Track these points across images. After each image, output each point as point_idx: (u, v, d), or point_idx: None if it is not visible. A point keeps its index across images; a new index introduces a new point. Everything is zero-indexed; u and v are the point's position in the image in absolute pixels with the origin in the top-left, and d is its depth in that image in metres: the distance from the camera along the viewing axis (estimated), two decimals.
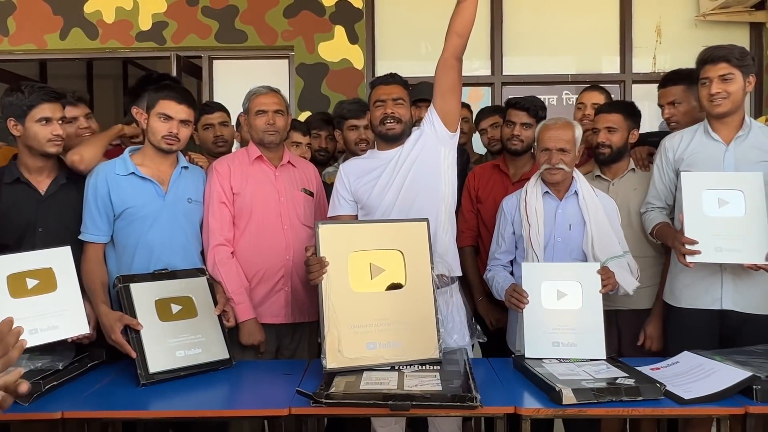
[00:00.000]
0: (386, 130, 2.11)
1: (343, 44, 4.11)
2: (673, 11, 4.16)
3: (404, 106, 2.12)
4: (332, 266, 1.82)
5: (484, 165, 2.78)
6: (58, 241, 1.99)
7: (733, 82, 2.09)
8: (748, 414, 1.59)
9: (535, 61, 4.24)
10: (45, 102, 2.02)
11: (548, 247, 2.18)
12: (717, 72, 2.09)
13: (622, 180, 2.45)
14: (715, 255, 2.00)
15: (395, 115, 2.09)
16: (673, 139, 2.27)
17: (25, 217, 2.05)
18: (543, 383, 1.71)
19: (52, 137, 2.02)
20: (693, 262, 2.00)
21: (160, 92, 2.10)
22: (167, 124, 2.07)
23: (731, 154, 2.14)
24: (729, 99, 2.10)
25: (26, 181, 2.07)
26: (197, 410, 1.71)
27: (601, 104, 2.62)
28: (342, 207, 2.19)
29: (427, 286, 1.89)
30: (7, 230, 2.05)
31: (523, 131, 2.55)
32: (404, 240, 1.91)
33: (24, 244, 2.02)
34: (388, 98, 2.10)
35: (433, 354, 1.86)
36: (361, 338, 1.81)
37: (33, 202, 2.06)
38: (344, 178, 2.19)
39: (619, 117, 2.39)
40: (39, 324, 1.83)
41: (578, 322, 1.95)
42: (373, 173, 2.15)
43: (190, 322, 1.96)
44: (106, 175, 2.07)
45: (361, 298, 1.84)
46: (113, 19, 4.15)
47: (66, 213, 2.09)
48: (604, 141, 2.39)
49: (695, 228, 2.00)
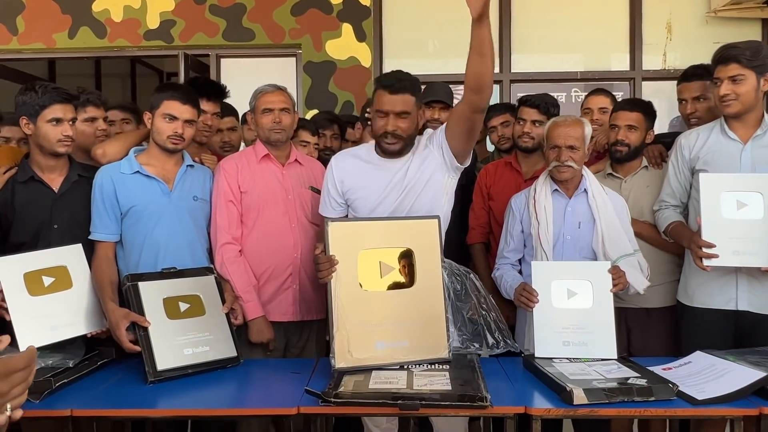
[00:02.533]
0: (386, 145, 1.98)
1: (351, 42, 4.10)
2: (684, 7, 4.12)
3: (408, 118, 1.95)
4: (342, 264, 1.79)
5: (496, 162, 2.77)
6: (72, 238, 2.03)
7: (743, 83, 2.05)
8: (762, 415, 1.57)
9: (543, 58, 4.21)
10: (57, 103, 2.03)
11: (557, 245, 2.16)
12: (727, 73, 2.06)
13: (634, 177, 2.42)
14: (733, 258, 1.97)
15: (397, 132, 1.95)
16: (689, 137, 2.23)
17: (41, 215, 2.07)
18: (553, 383, 1.69)
19: (62, 138, 2.03)
20: (710, 266, 1.98)
21: (164, 92, 2.10)
22: (172, 124, 2.07)
23: (748, 154, 2.10)
24: (738, 100, 2.06)
25: (40, 179, 2.09)
26: (206, 409, 1.72)
27: (620, 101, 2.59)
28: (332, 210, 2.09)
29: (438, 285, 1.87)
30: (23, 228, 2.07)
31: (533, 128, 2.53)
32: (414, 237, 1.88)
33: (40, 241, 2.05)
34: (392, 111, 1.93)
35: (443, 353, 1.84)
36: (370, 337, 1.80)
37: (48, 199, 2.08)
38: (336, 179, 2.06)
39: (640, 116, 2.36)
40: (58, 321, 1.88)
41: (589, 322, 1.93)
42: (370, 181, 2.02)
43: (198, 320, 1.96)
44: (111, 174, 2.09)
45: (371, 297, 1.82)
46: (121, 18, 4.16)
47: (79, 210, 2.11)
48: (623, 139, 2.36)
49: (713, 231, 1.97)
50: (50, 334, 1.85)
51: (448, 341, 1.85)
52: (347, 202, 2.09)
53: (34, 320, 1.84)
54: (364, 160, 2.07)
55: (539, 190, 2.21)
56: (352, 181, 2.05)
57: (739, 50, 2.06)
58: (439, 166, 2.01)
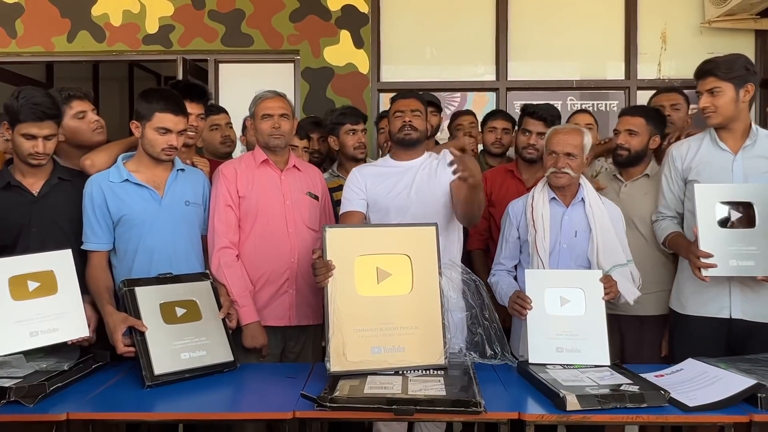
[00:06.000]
0: (404, 136, 2.25)
1: (349, 49, 4.12)
2: (679, 18, 4.16)
3: (421, 117, 2.27)
4: (339, 269, 1.82)
5: (497, 169, 2.81)
6: (52, 241, 2.02)
7: (720, 96, 2.09)
8: (752, 422, 1.59)
9: (540, 66, 4.24)
10: (29, 121, 1.98)
11: (554, 253, 2.18)
12: (705, 86, 2.11)
13: (634, 183, 2.45)
14: (730, 268, 1.99)
15: (413, 124, 2.25)
16: (680, 148, 2.26)
17: (19, 219, 2.06)
18: (547, 389, 1.70)
19: (32, 152, 2.01)
20: (708, 276, 2.00)
21: (154, 104, 2.06)
22: (166, 137, 2.06)
23: (739, 164, 2.13)
24: (717, 112, 2.11)
25: (18, 184, 2.07)
26: (201, 413, 1.72)
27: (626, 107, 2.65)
28: (357, 203, 2.25)
29: (434, 291, 1.89)
30: (2, 233, 2.05)
31: (539, 141, 2.58)
32: (412, 244, 1.90)
33: (19, 244, 2.03)
34: (407, 109, 2.25)
35: (439, 360, 1.85)
36: (366, 342, 1.81)
37: (26, 203, 2.07)
38: (360, 180, 2.28)
39: (641, 121, 2.40)
40: (40, 326, 1.85)
41: (582, 329, 1.95)
42: (391, 178, 2.25)
43: (195, 324, 1.97)
44: (100, 184, 2.08)
45: (367, 302, 1.84)
46: (120, 22, 4.17)
47: (59, 213, 2.09)
48: (623, 143, 2.40)
49: (709, 241, 1.99)
50: (29, 340, 1.83)
51: (444, 348, 1.86)
52: (371, 202, 2.26)
53: (14, 325, 1.82)
54: (381, 165, 2.35)
55: (537, 197, 2.23)
56: (374, 178, 2.27)
57: (715, 64, 2.11)
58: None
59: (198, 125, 2.43)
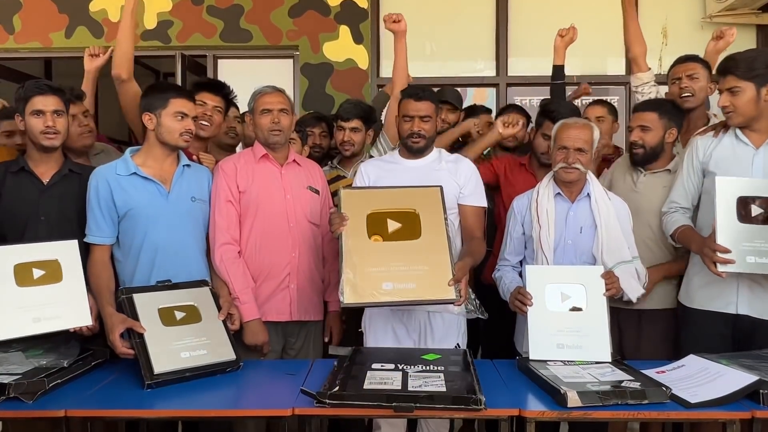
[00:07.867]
0: (411, 143, 2.25)
1: (348, 44, 4.11)
2: (680, 13, 4.14)
3: (431, 122, 2.25)
4: (352, 221, 1.99)
5: (509, 157, 2.81)
6: (60, 231, 2.03)
7: (740, 95, 2.02)
8: (754, 418, 1.58)
9: (540, 62, 4.21)
10: (37, 95, 2.05)
11: (558, 250, 2.16)
12: (725, 85, 2.05)
13: (655, 174, 2.38)
14: (747, 265, 1.92)
15: (421, 132, 2.23)
16: (705, 138, 2.20)
17: (28, 206, 2.08)
18: (548, 385, 1.70)
19: (44, 129, 2.04)
20: (725, 272, 1.93)
21: (167, 92, 2.12)
22: (184, 122, 2.10)
23: (761, 159, 2.07)
24: (737, 112, 2.05)
25: (30, 171, 2.10)
26: (200, 410, 1.71)
27: (638, 103, 2.59)
28: None
29: (442, 237, 1.99)
30: (11, 219, 2.07)
31: None
32: (419, 201, 2.05)
33: (27, 232, 2.05)
34: (417, 115, 2.22)
35: (450, 295, 1.91)
36: (378, 278, 1.91)
37: (35, 191, 2.09)
38: (365, 177, 2.30)
39: (654, 115, 2.34)
40: (42, 313, 1.86)
41: (583, 325, 1.94)
42: (395, 174, 2.25)
43: (195, 326, 1.95)
44: (107, 177, 2.07)
45: (379, 247, 1.97)
46: (118, 18, 4.14)
47: (68, 203, 2.11)
48: (637, 140, 2.35)
49: (727, 236, 1.93)
50: (32, 326, 1.84)
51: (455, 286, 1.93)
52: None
53: (17, 310, 1.83)
54: (387, 160, 2.36)
55: (542, 193, 2.21)
56: (378, 174, 2.29)
57: (734, 62, 2.04)
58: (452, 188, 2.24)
59: (214, 117, 2.49)
